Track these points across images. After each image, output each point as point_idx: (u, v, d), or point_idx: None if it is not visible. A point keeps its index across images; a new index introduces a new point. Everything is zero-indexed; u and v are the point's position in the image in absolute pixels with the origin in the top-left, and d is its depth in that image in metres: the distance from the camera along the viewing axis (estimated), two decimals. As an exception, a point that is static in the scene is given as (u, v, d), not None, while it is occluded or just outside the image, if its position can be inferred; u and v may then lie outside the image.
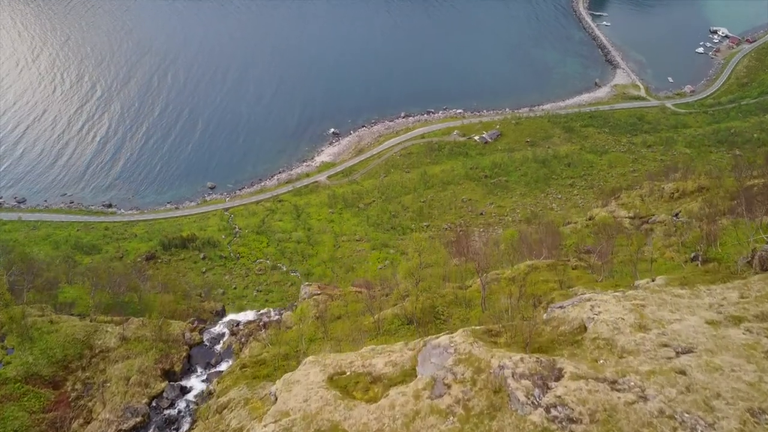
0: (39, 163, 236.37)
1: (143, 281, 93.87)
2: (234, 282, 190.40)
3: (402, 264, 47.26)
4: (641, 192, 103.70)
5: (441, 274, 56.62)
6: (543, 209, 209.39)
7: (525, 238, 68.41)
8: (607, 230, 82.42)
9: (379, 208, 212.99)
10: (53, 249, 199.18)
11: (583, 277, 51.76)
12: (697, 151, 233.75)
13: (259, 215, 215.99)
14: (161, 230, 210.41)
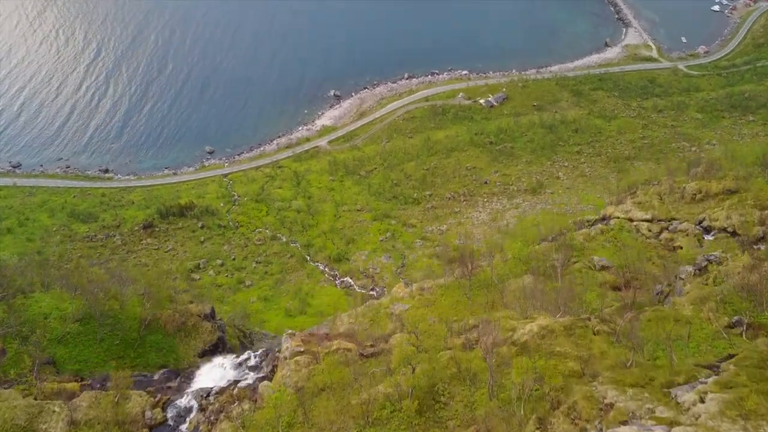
0: (35, 126, 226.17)
1: (124, 286, 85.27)
2: (233, 252, 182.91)
3: (397, 350, 38.90)
4: (660, 189, 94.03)
5: (440, 347, 48.10)
6: (549, 178, 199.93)
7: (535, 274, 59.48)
8: (626, 252, 73.51)
9: (380, 177, 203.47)
10: (50, 217, 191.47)
11: (608, 355, 43.24)
12: (709, 116, 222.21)
13: (259, 182, 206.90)
14: (159, 197, 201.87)
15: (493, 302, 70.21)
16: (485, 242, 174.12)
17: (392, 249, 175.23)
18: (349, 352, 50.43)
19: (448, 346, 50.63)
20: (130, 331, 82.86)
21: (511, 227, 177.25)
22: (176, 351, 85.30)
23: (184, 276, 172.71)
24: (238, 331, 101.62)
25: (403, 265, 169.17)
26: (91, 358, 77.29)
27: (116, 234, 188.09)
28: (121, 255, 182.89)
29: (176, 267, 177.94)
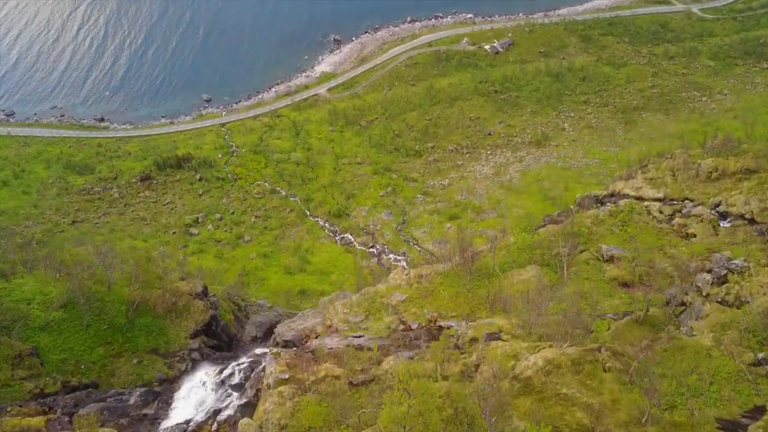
0: (29, 73, 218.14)
1: (110, 269, 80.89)
2: (231, 206, 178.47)
3: (384, 411, 34.86)
4: (673, 164, 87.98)
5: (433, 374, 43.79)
6: (554, 130, 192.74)
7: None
8: (636, 240, 68.17)
9: (381, 127, 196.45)
10: (45, 168, 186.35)
11: (620, 403, 38.83)
12: (722, 63, 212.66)
13: (257, 132, 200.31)
14: (156, 148, 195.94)
15: (494, 299, 65.62)
16: (488, 198, 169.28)
17: (393, 205, 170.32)
18: (337, 380, 46.33)
19: (444, 373, 46.43)
20: (118, 314, 79.06)
21: (515, 182, 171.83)
22: (167, 333, 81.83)
23: (182, 231, 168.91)
24: (232, 304, 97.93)
25: (404, 221, 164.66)
26: (77, 345, 73.76)
27: (113, 186, 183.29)
28: (118, 209, 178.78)
29: (174, 221, 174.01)
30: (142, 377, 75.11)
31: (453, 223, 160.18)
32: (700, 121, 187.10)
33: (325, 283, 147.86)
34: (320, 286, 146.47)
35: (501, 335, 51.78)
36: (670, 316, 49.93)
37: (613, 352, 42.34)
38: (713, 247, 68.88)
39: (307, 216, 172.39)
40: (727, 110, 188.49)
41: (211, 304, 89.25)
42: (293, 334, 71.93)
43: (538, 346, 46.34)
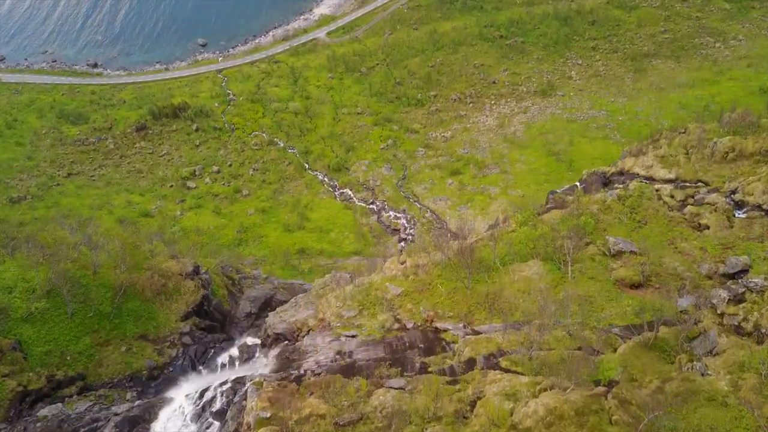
0: (19, 15, 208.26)
1: (95, 250, 76.92)
2: (229, 158, 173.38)
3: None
4: (687, 140, 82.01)
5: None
6: (561, 78, 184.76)
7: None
8: (644, 231, 63.25)
9: (382, 74, 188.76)
10: (38, 118, 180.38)
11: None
12: (738, 6, 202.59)
13: (254, 79, 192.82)
14: (151, 96, 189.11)
15: (493, 298, 61.62)
16: (491, 152, 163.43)
17: (393, 159, 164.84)
18: (322, 419, 42.79)
19: (437, 413, 42.83)
20: (104, 300, 75.59)
21: (519, 135, 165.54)
22: (156, 317, 78.64)
23: (179, 184, 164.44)
24: (226, 279, 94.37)
25: (404, 177, 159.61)
26: (61, 336, 70.63)
27: (108, 137, 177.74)
28: (114, 160, 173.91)
29: (171, 174, 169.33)
30: (131, 366, 72.42)
31: (454, 178, 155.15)
32: (713, 70, 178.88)
33: (324, 242, 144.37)
34: (319, 245, 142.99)
35: (499, 361, 47.92)
36: (681, 342, 46.00)
37: (621, 401, 38.55)
38: (727, 241, 64.23)
39: (306, 169, 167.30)
40: (741, 57, 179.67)
41: (202, 283, 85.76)
42: (284, 327, 68.54)
43: (538, 383, 42.57)
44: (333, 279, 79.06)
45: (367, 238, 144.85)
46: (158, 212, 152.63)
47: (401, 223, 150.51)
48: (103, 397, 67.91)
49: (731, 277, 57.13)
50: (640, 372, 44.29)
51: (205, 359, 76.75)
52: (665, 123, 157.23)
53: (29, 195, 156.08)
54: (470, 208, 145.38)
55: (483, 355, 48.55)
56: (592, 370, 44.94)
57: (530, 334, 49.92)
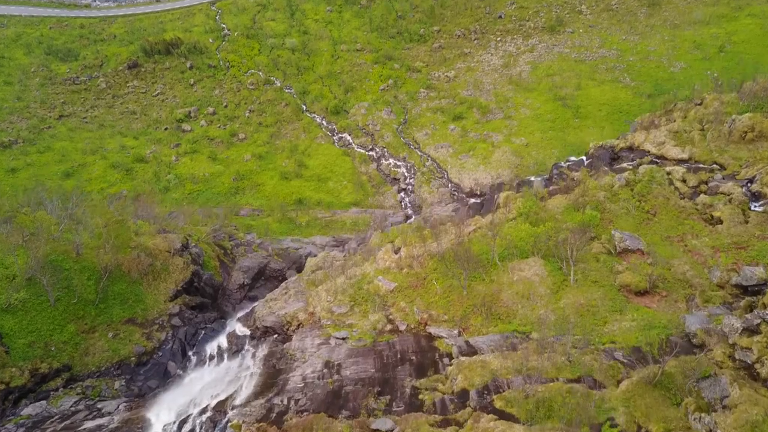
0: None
1: (78, 226, 72.92)
2: (225, 98, 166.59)
3: None
4: (703, 113, 75.70)
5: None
6: (570, 13, 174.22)
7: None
8: (653, 225, 58.24)
9: (383, 7, 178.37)
10: (26, 54, 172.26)
11: None
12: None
13: (250, 12, 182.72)
14: (142, 30, 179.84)
15: (491, 301, 57.88)
16: (495, 95, 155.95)
17: (394, 101, 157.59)
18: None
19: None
20: (89, 285, 72.20)
21: (525, 77, 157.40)
22: (144, 299, 75.59)
23: (174, 127, 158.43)
24: (218, 249, 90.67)
25: (405, 121, 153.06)
26: (44, 326, 67.70)
27: (99, 75, 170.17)
28: (106, 100, 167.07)
29: (165, 115, 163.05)
30: (119, 353, 69.95)
31: (457, 124, 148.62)
32: (731, 5, 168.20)
33: (322, 191, 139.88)
34: (317, 195, 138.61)
35: (494, 399, 44.50)
36: (689, 382, 42.41)
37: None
38: (741, 240, 59.67)
39: (304, 111, 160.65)
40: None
41: (192, 258, 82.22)
42: (274, 321, 65.37)
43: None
44: (325, 261, 75.16)
45: (365, 188, 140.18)
46: (153, 158, 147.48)
47: (401, 172, 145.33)
48: (90, 388, 65.70)
49: (744, 289, 52.96)
50: (643, 416, 41.01)
51: (195, 341, 74.25)
52: (678, 66, 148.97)
53: (20, 139, 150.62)
54: (472, 157, 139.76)
55: (476, 390, 45.15)
56: (591, 410, 41.59)
57: (527, 359, 46.35)
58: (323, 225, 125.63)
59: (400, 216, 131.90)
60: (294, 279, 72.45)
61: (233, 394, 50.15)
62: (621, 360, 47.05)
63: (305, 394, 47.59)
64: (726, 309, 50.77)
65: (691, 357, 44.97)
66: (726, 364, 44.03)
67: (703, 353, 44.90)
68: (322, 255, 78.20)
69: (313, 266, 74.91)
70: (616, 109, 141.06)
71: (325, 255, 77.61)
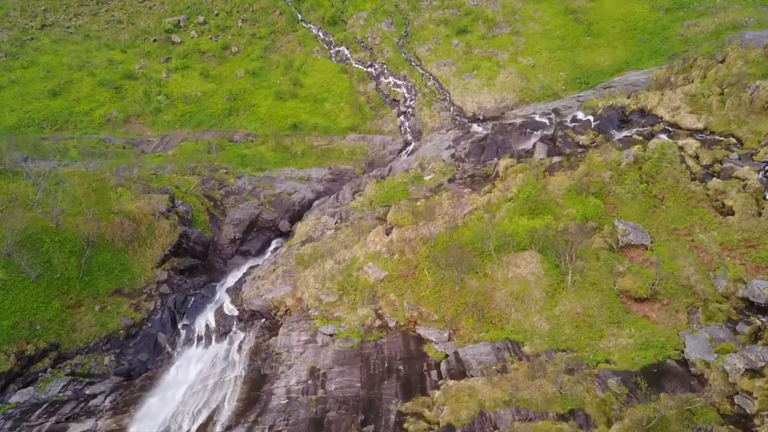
0: None
1: (56, 196, 69.31)
2: (215, 6, 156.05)
3: None
4: (724, 74, 68.48)
5: None
6: None
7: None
8: (659, 215, 53.84)
9: None
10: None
11: None
12: None
13: None
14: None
15: (483, 301, 55.10)
16: (502, 6, 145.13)
17: (395, 11, 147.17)
18: None
19: None
20: (71, 258, 69.39)
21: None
22: (130, 268, 73.13)
23: (163, 38, 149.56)
24: (207, 201, 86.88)
25: (406, 34, 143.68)
26: (28, 304, 65.60)
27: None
28: (90, 8, 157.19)
29: (154, 25, 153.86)
30: (107, 327, 68.41)
31: (461, 38, 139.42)
32: None
33: (318, 115, 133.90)
34: (313, 119, 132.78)
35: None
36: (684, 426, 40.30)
37: None
38: (752, 236, 55.59)
39: (299, 21, 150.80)
40: None
41: (179, 217, 78.91)
42: (261, 304, 63.17)
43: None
44: (315, 229, 71.75)
45: (363, 111, 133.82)
46: (142, 74, 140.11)
47: (401, 93, 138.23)
48: (79, 365, 64.65)
49: (749, 304, 49.73)
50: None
51: (185, 309, 72.65)
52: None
53: (2, 53, 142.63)
54: (476, 77, 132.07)
55: (462, 429, 43.21)
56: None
57: (517, 389, 44.26)
58: (319, 154, 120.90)
59: (399, 143, 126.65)
60: (283, 251, 69.39)
61: (214, 414, 48.52)
62: (615, 391, 44.69)
63: (287, 420, 45.89)
64: (730, 330, 47.79)
65: (687, 396, 42.52)
66: (724, 407, 41.71)
67: (701, 395, 42.41)
68: (312, 221, 74.45)
69: (302, 235, 71.61)
70: (630, 26, 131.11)
71: (316, 222, 73.94)
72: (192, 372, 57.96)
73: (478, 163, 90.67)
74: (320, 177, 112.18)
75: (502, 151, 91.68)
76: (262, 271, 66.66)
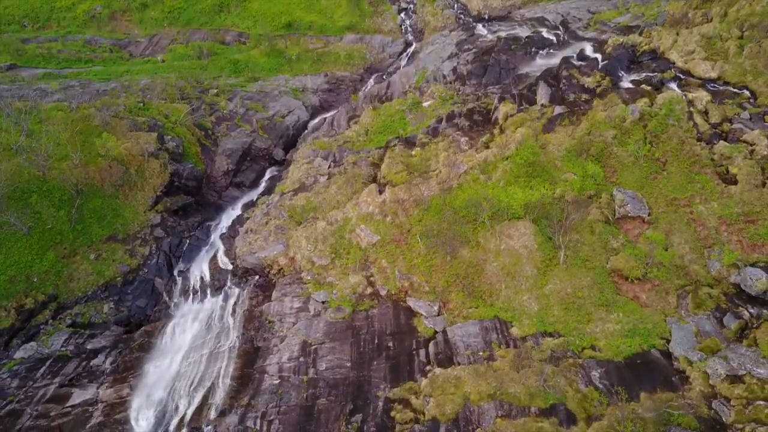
0: None
1: (39, 146, 67.49)
2: None
3: None
4: (748, 12, 62.64)
5: None
6: None
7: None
8: (660, 181, 51.82)
9: None
10: None
11: None
12: None
13: None
14: None
15: (474, 273, 55.02)
16: None
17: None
18: None
19: None
20: (61, 207, 68.71)
21: None
22: (122, 213, 72.65)
23: None
24: (198, 131, 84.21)
25: None
26: (22, 257, 65.71)
27: None
28: None
29: None
30: (104, 274, 69.16)
31: None
32: None
33: (314, 12, 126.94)
34: (308, 17, 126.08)
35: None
36: None
37: None
38: (752, 210, 53.79)
39: None
40: None
41: (169, 154, 77.23)
42: (254, 262, 63.32)
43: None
44: (308, 175, 70.26)
45: (362, 7, 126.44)
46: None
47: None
48: (79, 315, 66.03)
49: (740, 291, 49.51)
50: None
51: (180, 252, 73.10)
52: None
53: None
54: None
55: (446, 425, 44.66)
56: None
57: (502, 383, 45.46)
58: (315, 59, 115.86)
59: (399, 44, 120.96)
60: (276, 200, 68.18)
61: (209, 394, 50.14)
62: (597, 385, 45.74)
63: (279, 405, 47.50)
64: (717, 322, 47.92)
65: (667, 397, 43.55)
66: (702, 410, 42.75)
67: (680, 395, 43.40)
68: (305, 166, 72.42)
69: (295, 182, 70.09)
70: None
71: (309, 166, 71.94)
72: (188, 333, 59.09)
73: (480, 87, 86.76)
74: (316, 87, 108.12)
75: (505, 74, 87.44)
76: (254, 223, 65.90)
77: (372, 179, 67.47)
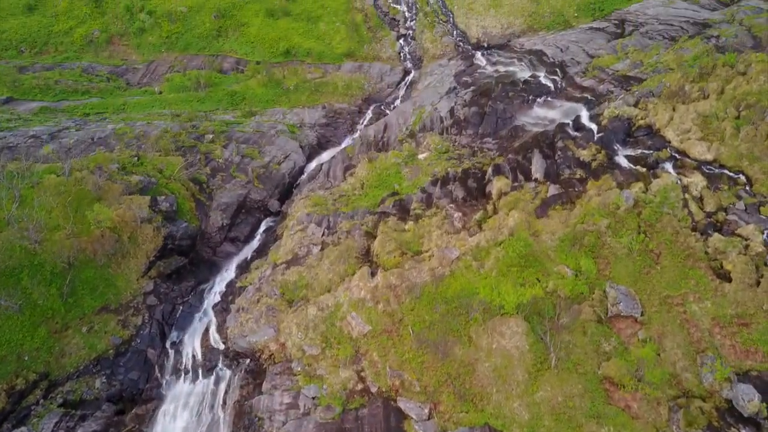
0: None
1: (32, 214, 66.41)
2: None
3: None
4: (745, 90, 60.39)
5: None
6: None
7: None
8: (653, 276, 50.57)
9: None
10: None
11: None
12: None
13: None
14: None
15: (465, 375, 54.31)
16: None
17: None
18: None
19: None
20: (53, 281, 68.03)
21: None
22: (115, 283, 71.85)
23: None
24: (192, 186, 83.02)
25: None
26: (14, 336, 65.11)
27: None
28: None
29: None
30: (96, 348, 68.67)
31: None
32: None
33: (312, 37, 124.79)
34: (307, 43, 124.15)
35: None
36: None
37: None
38: (746, 312, 52.26)
39: None
40: None
41: (163, 216, 76.25)
42: (245, 346, 62.75)
43: None
44: (302, 245, 69.24)
45: (361, 32, 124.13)
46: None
47: (401, 11, 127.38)
48: (71, 393, 65.67)
49: (732, 407, 48.60)
50: None
51: (173, 320, 72.64)
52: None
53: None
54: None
55: None
56: None
57: None
58: (313, 89, 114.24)
59: (398, 72, 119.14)
60: (268, 274, 67.28)
61: None
62: None
63: None
64: (708, 444, 47.04)
65: None
66: None
67: None
68: (298, 235, 71.26)
69: (288, 252, 69.09)
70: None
71: (302, 235, 70.79)
72: (179, 422, 58.89)
73: (476, 138, 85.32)
74: (314, 121, 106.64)
75: (502, 123, 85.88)
76: (246, 300, 65.09)
77: (365, 252, 66.39)
